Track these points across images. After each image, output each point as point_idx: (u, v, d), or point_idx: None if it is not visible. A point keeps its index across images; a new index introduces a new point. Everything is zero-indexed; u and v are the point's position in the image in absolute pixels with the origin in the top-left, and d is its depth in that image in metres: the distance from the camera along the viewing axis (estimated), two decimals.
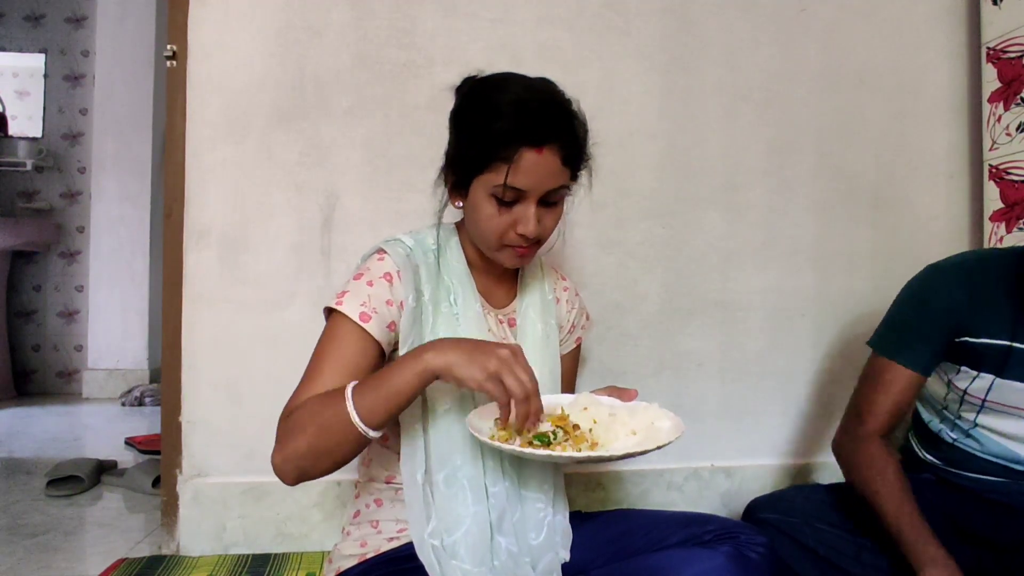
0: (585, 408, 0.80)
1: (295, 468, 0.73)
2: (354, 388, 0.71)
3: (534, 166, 0.76)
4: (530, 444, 0.71)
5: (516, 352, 0.70)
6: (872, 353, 1.08)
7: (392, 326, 0.81)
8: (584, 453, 0.70)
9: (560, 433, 0.74)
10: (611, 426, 0.78)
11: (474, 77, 0.84)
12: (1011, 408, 0.97)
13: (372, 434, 0.70)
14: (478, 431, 0.72)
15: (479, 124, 0.77)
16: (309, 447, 0.71)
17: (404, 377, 0.70)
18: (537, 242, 0.83)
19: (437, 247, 0.88)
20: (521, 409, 0.69)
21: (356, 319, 0.78)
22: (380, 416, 0.70)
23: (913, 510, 0.94)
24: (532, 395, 0.69)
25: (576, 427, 0.77)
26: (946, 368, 1.04)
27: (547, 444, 0.72)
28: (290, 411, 0.75)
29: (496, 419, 0.76)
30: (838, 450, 1.09)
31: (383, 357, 0.82)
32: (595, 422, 0.78)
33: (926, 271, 1.06)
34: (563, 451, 0.71)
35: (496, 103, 0.77)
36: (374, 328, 0.78)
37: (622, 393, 0.85)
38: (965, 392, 1.01)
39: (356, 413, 0.69)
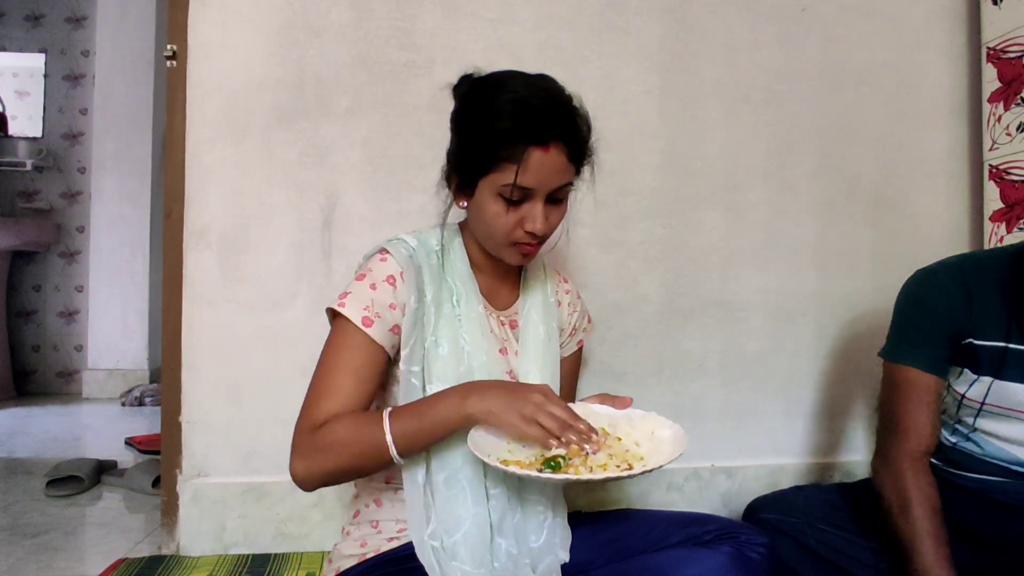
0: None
1: (319, 482, 0.76)
2: (391, 417, 0.74)
3: (541, 165, 0.76)
4: (540, 470, 0.71)
5: (546, 393, 0.74)
6: (886, 364, 1.05)
7: (395, 329, 0.81)
8: (602, 475, 0.69)
9: (567, 456, 0.73)
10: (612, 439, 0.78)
11: (472, 76, 0.84)
12: (1009, 410, 0.97)
13: (403, 462, 0.75)
14: (480, 449, 0.71)
15: (483, 125, 0.77)
16: (341, 468, 0.75)
17: (446, 419, 0.73)
18: (541, 241, 0.83)
19: (441, 248, 0.88)
20: (569, 437, 0.72)
21: (359, 324, 0.78)
22: (415, 449, 0.75)
23: (948, 560, 0.91)
24: (571, 422, 0.72)
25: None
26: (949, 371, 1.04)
27: (557, 468, 0.71)
28: (316, 425, 0.75)
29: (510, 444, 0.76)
30: (878, 476, 1.03)
31: (388, 360, 0.82)
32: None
33: (918, 276, 1.05)
34: (577, 474, 0.70)
35: (499, 103, 0.77)
36: (377, 333, 0.79)
37: (615, 401, 0.84)
38: (963, 396, 1.01)
39: (394, 445, 0.73)
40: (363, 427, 0.74)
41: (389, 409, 0.74)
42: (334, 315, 0.81)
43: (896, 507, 0.97)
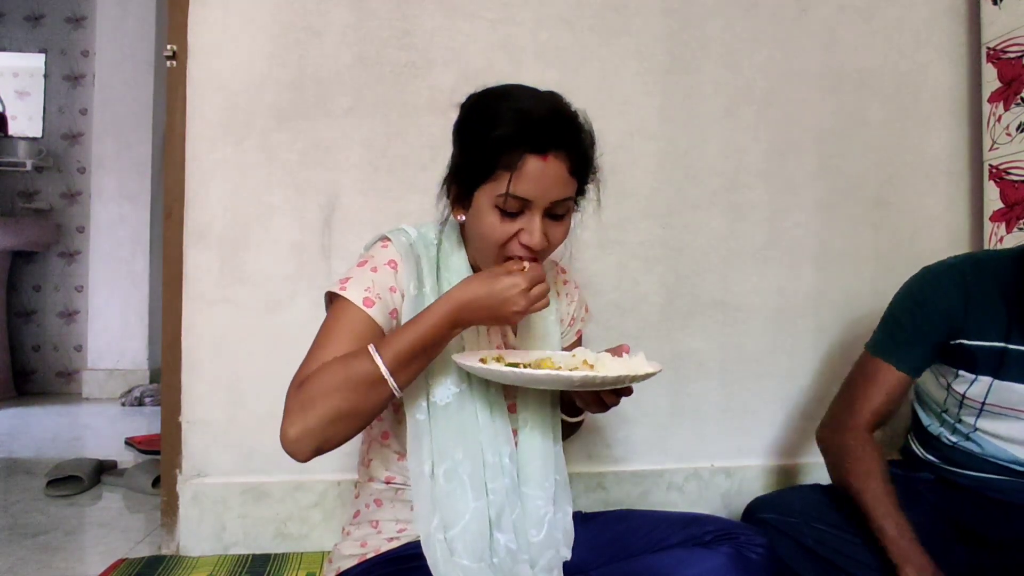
0: (573, 355, 0.84)
1: (316, 439, 0.70)
2: (378, 346, 0.72)
3: (539, 174, 0.74)
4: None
5: (521, 288, 0.74)
6: (865, 353, 1.09)
7: (394, 313, 0.81)
8: (567, 373, 0.72)
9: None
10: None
11: (473, 94, 0.84)
12: (1009, 410, 0.98)
13: (400, 392, 0.72)
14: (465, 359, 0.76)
15: (482, 132, 0.76)
16: (335, 413, 0.69)
17: (435, 330, 0.73)
18: (536, 259, 0.81)
19: (438, 243, 0.88)
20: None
21: (360, 304, 0.77)
22: (409, 373, 0.73)
23: (896, 508, 0.94)
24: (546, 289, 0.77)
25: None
26: (944, 372, 1.04)
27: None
28: (302, 381, 0.72)
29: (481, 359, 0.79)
30: (823, 443, 1.10)
31: None
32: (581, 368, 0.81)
33: (921, 274, 1.07)
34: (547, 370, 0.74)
35: (499, 111, 0.76)
36: (377, 313, 0.78)
37: (615, 350, 0.85)
38: (964, 396, 1.01)
39: (387, 370, 0.70)
40: (350, 363, 0.71)
41: (373, 344, 0.72)
42: (332, 299, 0.81)
43: (840, 464, 1.02)
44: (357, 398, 0.70)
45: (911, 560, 0.89)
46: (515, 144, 0.74)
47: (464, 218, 0.83)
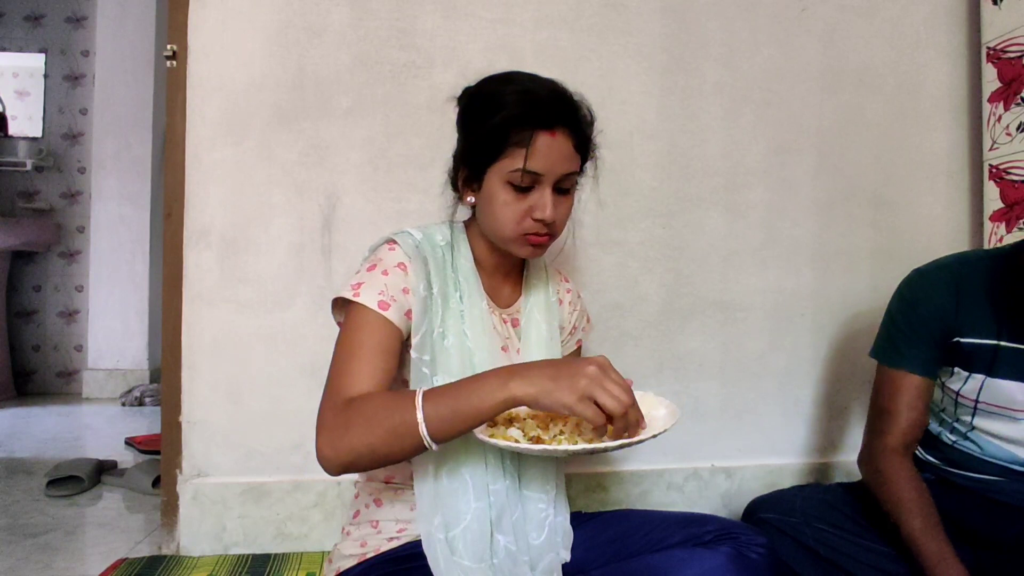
0: None
1: (346, 459, 0.71)
2: (425, 397, 0.69)
3: (548, 149, 0.78)
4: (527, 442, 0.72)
5: (604, 366, 0.68)
6: (877, 365, 1.08)
7: (409, 314, 0.80)
8: (581, 446, 0.69)
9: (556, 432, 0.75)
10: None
11: (471, 85, 0.86)
12: (1004, 408, 0.98)
13: (436, 447, 0.70)
14: (480, 429, 0.73)
15: (491, 114, 0.79)
16: (370, 446, 0.69)
17: (486, 402, 0.68)
18: (551, 233, 0.84)
19: (451, 242, 0.88)
20: (620, 424, 0.67)
21: (376, 308, 0.77)
22: (450, 434, 0.70)
23: (938, 529, 0.93)
24: (630, 407, 0.67)
25: (578, 423, 0.77)
26: (940, 371, 1.04)
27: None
28: (346, 400, 0.72)
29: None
30: (862, 467, 1.09)
31: (404, 344, 0.81)
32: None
33: (911, 276, 1.07)
34: (558, 444, 0.71)
35: (505, 93, 0.79)
36: (393, 315, 0.78)
37: None
38: (958, 394, 1.01)
39: (425, 426, 0.68)
40: (395, 404, 0.70)
41: (424, 389, 0.71)
42: (346, 304, 0.80)
43: (884, 498, 1.00)
44: (393, 442, 0.69)
45: None
46: (525, 122, 0.77)
47: (473, 199, 0.85)
